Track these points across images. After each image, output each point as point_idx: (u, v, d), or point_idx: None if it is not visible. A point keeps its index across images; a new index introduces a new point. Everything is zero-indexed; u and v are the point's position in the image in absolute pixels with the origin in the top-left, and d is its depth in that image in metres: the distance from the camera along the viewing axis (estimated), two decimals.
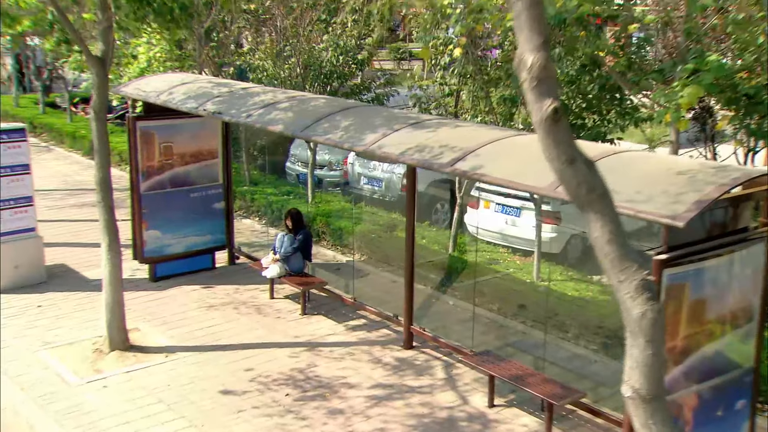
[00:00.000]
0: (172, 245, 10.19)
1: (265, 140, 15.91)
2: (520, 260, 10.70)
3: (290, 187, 13.92)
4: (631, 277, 3.43)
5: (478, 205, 11.96)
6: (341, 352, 8.13)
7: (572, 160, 3.39)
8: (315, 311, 9.24)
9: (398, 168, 13.35)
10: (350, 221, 11.77)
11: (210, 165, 10.44)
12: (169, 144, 10.00)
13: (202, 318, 8.94)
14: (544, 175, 5.38)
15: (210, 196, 10.49)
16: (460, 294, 9.77)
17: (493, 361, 7.35)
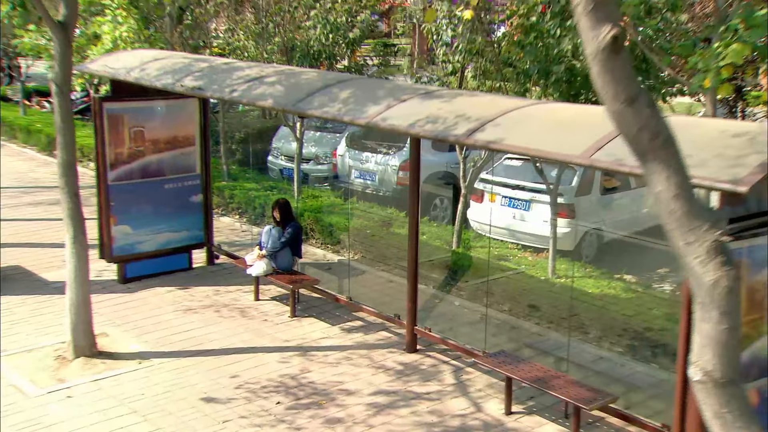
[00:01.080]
0: (143, 243, 9.94)
1: (244, 132, 16.07)
2: (532, 256, 10.44)
3: (273, 182, 13.82)
4: (702, 239, 3.12)
5: (482, 199, 11.80)
6: (337, 357, 7.93)
7: (633, 99, 3.09)
8: (306, 313, 9.05)
9: (393, 160, 13.14)
10: (342, 217, 11.61)
11: (186, 153, 10.19)
12: (140, 129, 9.73)
13: (179, 322, 8.72)
14: (578, 142, 5.12)
15: (186, 188, 10.25)
16: (466, 294, 9.60)
17: (510, 363, 7.10)
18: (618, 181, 11.87)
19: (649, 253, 11.18)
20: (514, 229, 11.27)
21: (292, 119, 13.02)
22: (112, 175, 9.60)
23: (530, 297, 9.15)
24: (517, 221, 11.27)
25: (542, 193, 10.95)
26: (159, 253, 10.06)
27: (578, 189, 11.09)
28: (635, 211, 11.88)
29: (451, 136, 5.79)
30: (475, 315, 8.98)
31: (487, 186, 11.67)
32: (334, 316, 8.98)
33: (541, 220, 11.00)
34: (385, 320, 8.61)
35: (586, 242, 11.05)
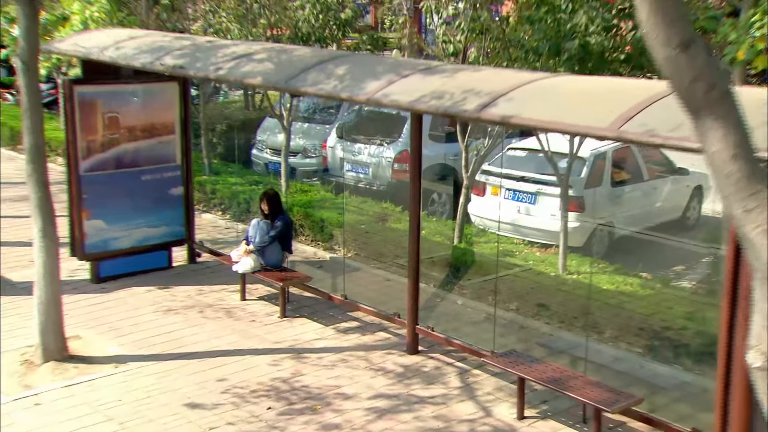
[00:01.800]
0: (119, 239, 9.74)
1: (226, 125, 15.95)
2: (540, 252, 10.25)
3: (258, 177, 13.66)
4: (764, 205, 2.89)
5: (484, 192, 11.63)
6: (332, 359, 7.77)
7: (687, 44, 2.87)
8: (297, 313, 8.90)
9: (388, 151, 12.96)
10: (334, 212, 11.46)
11: (165, 142, 9.98)
12: (115, 115, 9.51)
13: (159, 323, 8.56)
14: (603, 114, 4.91)
15: (166, 180, 10.04)
16: (470, 292, 9.43)
17: (523, 363, 6.89)
18: (628, 174, 11.72)
19: (664, 251, 11.05)
20: (519, 224, 11.10)
21: (279, 108, 12.79)
22: (84, 165, 9.37)
23: (540, 295, 9.01)
24: (522, 215, 11.10)
25: (550, 185, 10.78)
26: (136, 251, 9.86)
27: (588, 180, 10.90)
28: (647, 206, 11.73)
29: (460, 112, 5.58)
30: (479, 314, 8.86)
31: (490, 178, 11.48)
32: (327, 316, 8.83)
33: (549, 213, 10.82)
34: (383, 320, 8.46)
35: (597, 238, 10.87)
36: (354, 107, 14.21)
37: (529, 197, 11.13)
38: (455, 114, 5.63)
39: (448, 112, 5.66)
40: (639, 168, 11.70)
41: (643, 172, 11.74)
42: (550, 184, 10.77)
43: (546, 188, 10.89)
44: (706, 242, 10.82)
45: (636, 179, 11.63)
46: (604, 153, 11.21)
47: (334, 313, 8.86)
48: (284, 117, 12.62)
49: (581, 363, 7.38)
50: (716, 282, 9.14)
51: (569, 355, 7.81)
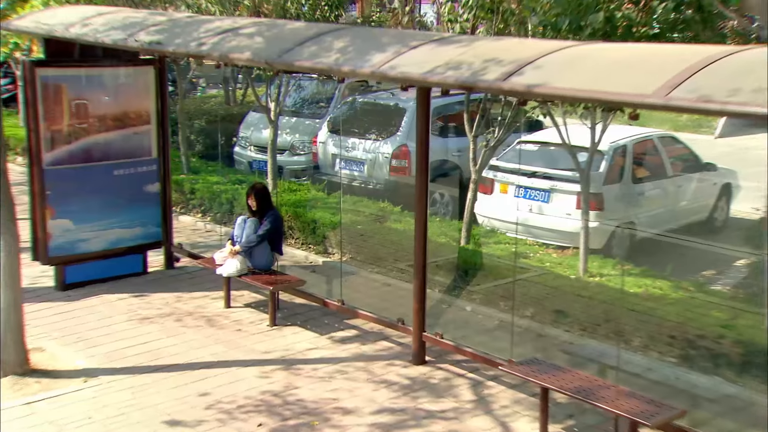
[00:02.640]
0: (88, 241, 9.51)
1: (205, 120, 15.90)
2: (557, 253, 9.98)
3: (242, 175, 13.48)
4: None
5: (492, 189, 11.39)
6: (329, 370, 7.55)
7: None
8: (288, 321, 8.70)
9: (385, 146, 12.73)
10: (326, 212, 11.23)
11: (140, 133, 9.76)
12: (83, 102, 9.26)
13: (133, 333, 8.34)
14: (646, 81, 4.62)
15: (140, 176, 9.83)
16: (480, 297, 9.20)
17: (546, 371, 6.59)
18: (650, 169, 11.49)
19: (691, 254, 10.81)
20: (531, 224, 10.83)
21: (266, 99, 12.51)
22: (48, 158, 9.10)
23: (559, 299, 8.75)
24: (534, 215, 10.83)
25: (565, 181, 10.53)
26: (107, 254, 9.66)
27: (607, 176, 10.65)
28: (671, 205, 11.48)
29: (481, 82, 5.30)
30: (491, 321, 8.68)
31: (498, 174, 11.22)
32: (322, 324, 8.63)
33: (564, 212, 10.56)
34: (385, 327, 8.27)
35: (617, 239, 10.60)
36: (347, 99, 14.04)
37: (542, 195, 10.88)
38: (474, 85, 5.35)
39: (466, 83, 5.36)
40: (662, 163, 11.47)
41: (667, 167, 11.51)
42: (565, 180, 10.52)
43: (561, 185, 10.63)
44: (741, 245, 10.56)
45: (659, 175, 11.37)
46: (624, 146, 10.98)
47: (330, 321, 8.68)
48: (271, 110, 12.34)
49: (610, 373, 7.16)
50: (756, 288, 8.89)
51: (596, 363, 7.58)
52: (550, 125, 12.85)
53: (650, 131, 11.94)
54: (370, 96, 13.87)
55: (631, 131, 11.36)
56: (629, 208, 10.85)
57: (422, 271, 7.68)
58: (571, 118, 9.52)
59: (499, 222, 11.03)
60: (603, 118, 9.02)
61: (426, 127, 7.53)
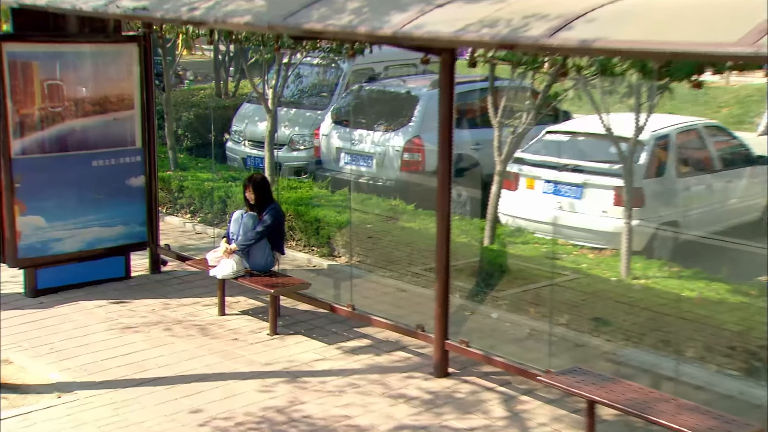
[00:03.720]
0: (62, 240, 9.38)
1: (194, 113, 15.94)
2: (594, 254, 9.70)
3: (235, 172, 13.33)
4: None
5: (517, 185, 11.13)
6: (339, 384, 7.35)
7: None
8: (291, 330, 8.54)
9: (396, 138, 12.58)
10: (331, 210, 11.06)
11: (122, 119, 9.65)
12: (57, 83, 9.13)
13: (114, 343, 8.18)
14: (729, 27, 4.28)
15: (122, 167, 9.72)
16: (507, 303, 9.03)
17: (592, 381, 6.31)
18: (696, 162, 11.22)
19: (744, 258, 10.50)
20: (561, 224, 10.54)
21: (263, 86, 12.30)
22: (17, 146, 8.96)
23: (598, 305, 8.51)
24: (565, 213, 10.54)
25: (601, 175, 10.25)
26: (84, 256, 9.52)
27: (647, 169, 10.35)
28: (719, 202, 11.16)
29: (523, 39, 4.99)
30: (521, 330, 8.51)
31: (524, 168, 10.97)
32: (329, 332, 8.47)
33: (599, 210, 10.27)
34: (403, 335, 8.08)
35: (659, 240, 10.29)
36: (352, 87, 13.86)
37: (574, 190, 10.59)
38: (515, 43, 5.03)
39: (506, 41, 5.05)
40: (709, 155, 11.16)
41: (714, 160, 11.20)
42: (601, 174, 10.23)
43: (596, 179, 10.33)
44: None
45: (705, 169, 11.07)
46: (667, 136, 10.69)
47: (338, 329, 8.52)
48: (269, 98, 12.14)
49: (666, 385, 6.91)
50: None
51: (646, 374, 7.36)
52: (579, 115, 12.86)
53: (695, 120, 11.65)
54: (378, 83, 13.75)
55: (673, 120, 11.09)
56: (672, 205, 10.56)
57: (445, 272, 7.46)
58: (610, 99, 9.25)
59: (525, 221, 10.77)
60: (650, 95, 8.73)
61: (449, 106, 7.30)
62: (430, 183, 11.66)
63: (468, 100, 12.76)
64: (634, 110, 8.94)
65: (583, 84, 8.83)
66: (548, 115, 11.70)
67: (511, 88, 9.98)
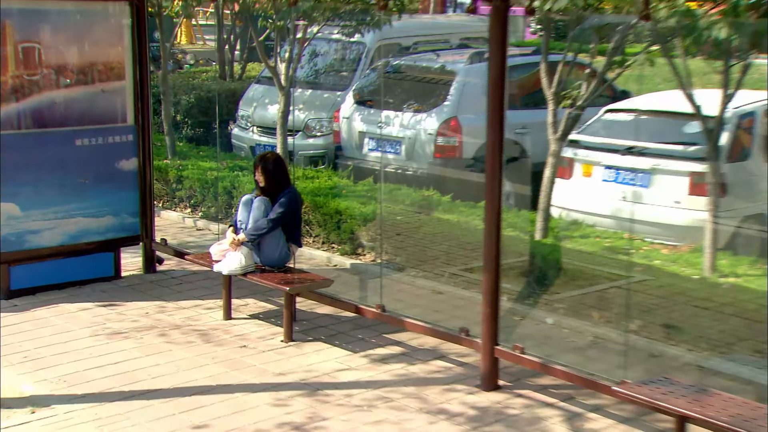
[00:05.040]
0: (40, 232, 9.26)
1: (194, 96, 15.96)
2: (668, 249, 9.55)
3: (242, 161, 13.21)
4: None
5: (571, 172, 10.93)
6: (367, 397, 7.13)
7: None
8: (309, 335, 8.36)
9: (430, 120, 12.41)
10: (355, 201, 10.97)
11: (111, 90, 9.54)
12: (33, 45, 8.98)
13: (100, 351, 8.00)
14: None
15: (111, 147, 9.60)
16: (565, 306, 8.86)
17: (682, 393, 5.98)
18: None
19: None
20: (624, 217, 10.22)
21: (275, 60, 12.11)
22: None
23: (677, 308, 8.37)
24: (629, 204, 10.24)
25: (674, 159, 9.95)
26: (66, 251, 9.40)
27: (729, 152, 10.06)
28: None
29: None
30: (582, 338, 8.28)
31: (579, 152, 10.73)
32: (355, 339, 8.29)
33: (671, 200, 9.98)
34: (442, 341, 7.86)
35: (745, 235, 9.96)
36: (378, 63, 13.71)
37: (641, 177, 10.35)
38: None
39: None
40: None
41: None
42: (674, 158, 9.93)
43: (667, 163, 10.03)
44: None
45: None
46: (753, 113, 10.38)
47: (365, 335, 8.34)
48: (281, 73, 11.95)
49: None
50: None
51: (741, 389, 6.96)
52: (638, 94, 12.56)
53: None
54: (408, 58, 13.64)
55: (759, 96, 10.76)
56: (757, 195, 10.22)
57: (495, 264, 7.18)
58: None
59: (580, 214, 10.53)
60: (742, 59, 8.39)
61: (501, 71, 6.97)
62: (468, 170, 11.82)
63: (511, 78, 12.56)
64: (722, 79, 8.60)
65: (663, 43, 8.45)
66: (602, 96, 11.45)
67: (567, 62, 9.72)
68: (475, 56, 12.46)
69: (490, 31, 6.93)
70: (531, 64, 11.79)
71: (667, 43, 8.53)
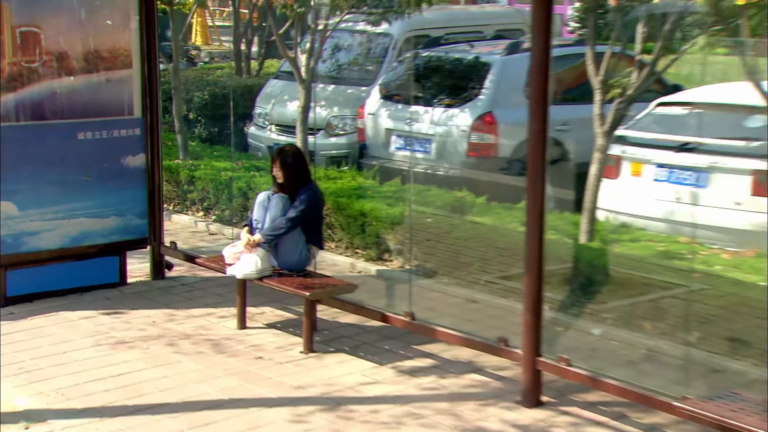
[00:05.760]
0: (39, 234, 9.24)
1: (209, 93, 16.05)
2: (730, 255, 9.40)
3: (259, 161, 13.20)
4: None
5: (618, 171, 10.76)
6: (395, 413, 7.01)
7: None
8: (330, 346, 8.27)
9: (463, 115, 12.33)
10: (380, 202, 10.90)
11: (117, 80, 9.55)
12: (32, 30, 8.98)
13: (102, 362, 7.94)
14: None
15: (117, 142, 9.59)
16: (614, 315, 8.75)
17: (755, 411, 5.75)
18: None
19: None
20: (679, 220, 10.11)
21: (295, 52, 12.11)
22: None
23: (743, 318, 8.16)
24: (684, 206, 10.10)
25: (734, 156, 9.77)
26: (67, 254, 9.39)
27: None
28: None
29: None
30: (634, 351, 8.11)
31: (628, 149, 10.58)
32: (381, 350, 8.19)
33: (731, 201, 9.81)
34: (478, 352, 7.73)
35: None
36: (406, 54, 13.69)
37: (698, 177, 10.18)
38: None
39: None
40: None
41: None
42: (735, 155, 9.76)
43: (727, 161, 9.87)
44: None
45: None
46: None
47: (392, 347, 8.24)
48: (302, 65, 11.90)
49: None
50: None
51: None
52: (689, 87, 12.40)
53: None
54: (439, 49, 13.61)
55: None
56: None
57: (538, 267, 6.99)
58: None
59: (629, 217, 10.41)
60: None
61: (545, 57, 6.81)
62: (504, 170, 11.77)
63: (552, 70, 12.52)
64: None
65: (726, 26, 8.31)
66: (651, 92, 11.39)
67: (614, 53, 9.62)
68: (513, 46, 12.39)
69: (533, 11, 6.77)
70: (573, 55, 11.67)
71: (730, 25, 8.38)
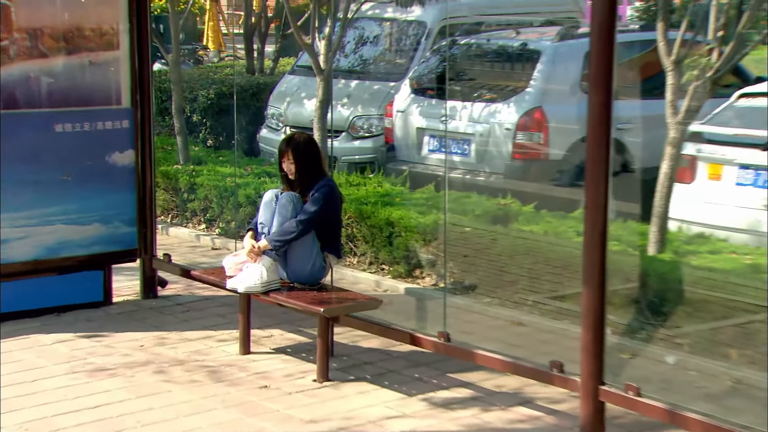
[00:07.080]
0: (9, 243, 9.08)
1: (215, 92, 16.15)
2: None
3: (270, 167, 13.13)
4: None
5: (693, 175, 10.55)
6: None
7: None
8: (350, 374, 8.08)
9: (507, 111, 12.29)
10: (409, 210, 10.84)
11: (102, 63, 9.44)
12: (3, 3, 8.87)
13: (77, 392, 7.73)
14: None
15: (101, 135, 9.49)
16: (691, 340, 8.58)
17: None
18: None
19: None
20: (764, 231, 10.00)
21: (314, 44, 12.15)
22: None
23: None
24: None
25: None
26: (42, 267, 9.25)
27: None
28: None
29: None
30: (718, 382, 7.88)
31: (704, 149, 10.38)
32: (409, 378, 7.97)
33: None
34: (526, 380, 7.53)
35: None
36: (440, 43, 13.71)
37: None
38: None
39: None
40: None
41: None
42: None
43: None
44: None
45: None
46: None
47: (423, 375, 8.02)
48: (321, 54, 11.78)
49: None
50: None
51: None
52: None
53: None
54: (480, 36, 13.65)
55: None
56: None
57: (599, 279, 6.68)
58: None
59: (706, 228, 10.18)
60: None
61: (609, 41, 6.57)
62: (556, 174, 11.72)
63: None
64: None
65: None
66: (729, 86, 11.30)
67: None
68: (566, 32, 12.23)
69: (593, 15, 6.54)
70: (639, 42, 11.58)
71: None
